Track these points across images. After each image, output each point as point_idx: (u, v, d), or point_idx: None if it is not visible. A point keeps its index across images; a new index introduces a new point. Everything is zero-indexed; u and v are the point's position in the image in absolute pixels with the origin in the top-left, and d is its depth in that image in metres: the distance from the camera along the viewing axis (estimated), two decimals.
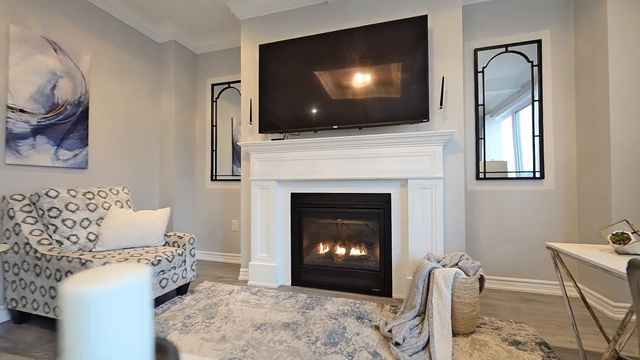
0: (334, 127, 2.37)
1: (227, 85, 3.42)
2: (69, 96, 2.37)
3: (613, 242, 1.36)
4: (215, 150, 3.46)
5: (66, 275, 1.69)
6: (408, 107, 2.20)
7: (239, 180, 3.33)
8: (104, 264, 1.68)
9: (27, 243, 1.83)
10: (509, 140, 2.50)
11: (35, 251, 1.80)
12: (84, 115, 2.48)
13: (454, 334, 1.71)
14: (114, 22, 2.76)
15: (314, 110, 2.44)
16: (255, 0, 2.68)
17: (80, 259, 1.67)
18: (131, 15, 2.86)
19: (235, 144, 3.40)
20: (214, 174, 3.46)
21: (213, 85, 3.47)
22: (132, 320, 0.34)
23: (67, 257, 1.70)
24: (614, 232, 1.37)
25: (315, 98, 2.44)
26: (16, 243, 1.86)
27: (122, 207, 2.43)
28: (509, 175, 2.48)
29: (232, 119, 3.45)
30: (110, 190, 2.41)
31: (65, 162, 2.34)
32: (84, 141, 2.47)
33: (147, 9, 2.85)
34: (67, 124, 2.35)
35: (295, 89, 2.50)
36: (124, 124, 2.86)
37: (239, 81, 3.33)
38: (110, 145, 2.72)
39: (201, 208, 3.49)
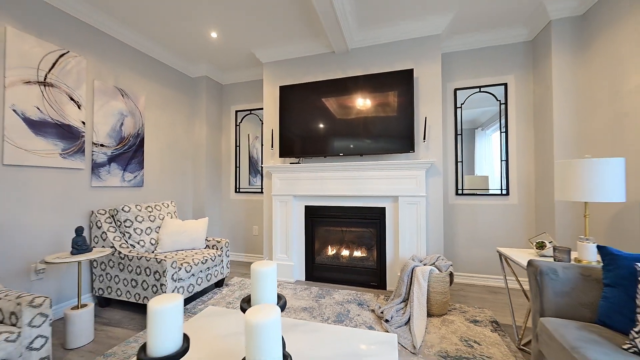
0: (340, 154, 2.97)
1: (248, 112, 4.04)
2: (131, 130, 3.00)
3: (536, 248, 1.95)
4: (239, 167, 4.08)
5: (145, 271, 2.32)
6: (398, 140, 2.79)
7: (259, 192, 3.95)
8: (173, 262, 2.30)
9: (112, 246, 2.46)
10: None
11: (120, 253, 2.42)
12: (141, 144, 3.11)
13: (429, 315, 2.31)
14: (160, 66, 3.40)
15: (324, 140, 3.04)
16: (276, 49, 3.29)
17: (156, 258, 2.29)
18: (174, 59, 3.49)
19: (251, 157, 4.02)
20: (237, 187, 4.08)
21: (237, 111, 4.09)
22: (273, 281, 0.95)
23: (146, 257, 2.32)
24: (537, 241, 1.96)
25: (325, 130, 3.05)
26: (103, 246, 2.50)
27: (171, 217, 3.05)
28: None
29: (248, 135, 4.08)
30: (162, 204, 3.04)
31: (129, 182, 2.97)
32: (140, 165, 3.11)
33: (187, 54, 3.47)
34: (130, 152, 2.99)
35: (309, 122, 3.11)
36: (167, 148, 3.49)
37: (259, 108, 3.95)
38: (158, 167, 3.35)
39: (226, 216, 4.12)
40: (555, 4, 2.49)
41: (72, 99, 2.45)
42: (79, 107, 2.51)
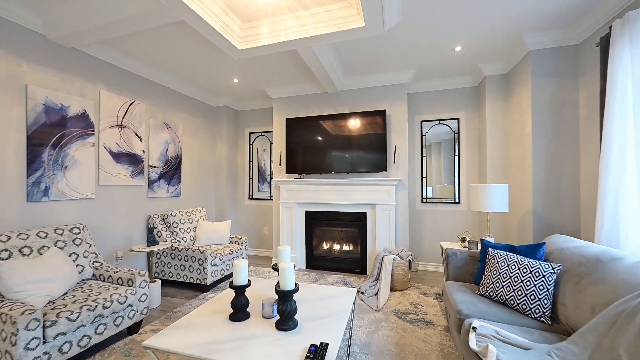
0: (333, 172, 3.91)
1: (259, 134, 4.98)
2: (173, 154, 3.95)
3: (461, 242, 2.89)
4: (252, 179, 5.02)
5: (191, 259, 3.25)
6: (375, 162, 3.72)
7: (268, 199, 4.88)
8: (211, 252, 3.24)
9: (166, 241, 3.40)
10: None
11: (172, 246, 3.36)
12: (179, 164, 4.06)
13: (393, 290, 3.24)
14: (192, 101, 4.34)
15: (320, 161, 3.98)
16: (282, 88, 4.23)
17: (199, 249, 3.23)
18: (202, 94, 4.44)
19: (260, 167, 4.97)
20: (250, 194, 5.02)
21: (250, 133, 5.04)
22: (289, 254, 1.89)
23: (192, 249, 3.26)
24: (461, 237, 2.90)
25: (321, 153, 3.98)
26: (158, 242, 3.43)
27: (203, 220, 4.00)
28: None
29: (257, 149, 5.02)
30: (196, 209, 3.99)
31: (171, 193, 3.92)
32: (179, 180, 4.05)
33: (212, 90, 4.42)
34: (172, 171, 3.93)
35: (308, 146, 4.04)
36: (197, 166, 4.44)
37: (268, 131, 4.89)
38: (191, 180, 4.30)
39: (241, 218, 5.06)
40: (487, 66, 3.42)
41: (136, 134, 3.39)
42: (141, 140, 3.45)
